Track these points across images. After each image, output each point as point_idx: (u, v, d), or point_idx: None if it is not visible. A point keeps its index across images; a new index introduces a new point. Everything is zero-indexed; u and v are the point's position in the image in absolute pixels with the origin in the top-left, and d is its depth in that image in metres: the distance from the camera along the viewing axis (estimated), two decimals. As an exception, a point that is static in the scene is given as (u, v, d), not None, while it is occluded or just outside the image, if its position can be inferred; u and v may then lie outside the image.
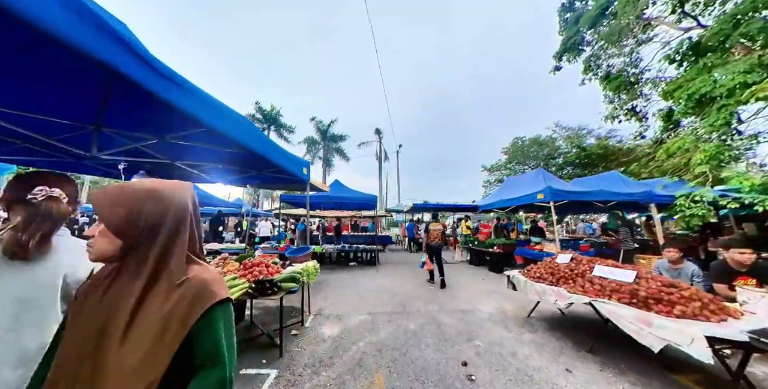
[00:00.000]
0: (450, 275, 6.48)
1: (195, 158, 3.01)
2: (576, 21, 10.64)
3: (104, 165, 2.93)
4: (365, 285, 5.39)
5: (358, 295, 4.66)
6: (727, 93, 5.93)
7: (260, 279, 2.29)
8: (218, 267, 3.03)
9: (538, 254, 6.27)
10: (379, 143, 25.41)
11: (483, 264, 7.99)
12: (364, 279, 5.98)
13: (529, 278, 3.34)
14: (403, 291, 4.93)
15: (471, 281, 5.90)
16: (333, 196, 7.46)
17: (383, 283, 5.60)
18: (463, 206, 8.52)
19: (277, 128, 23.60)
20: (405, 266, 7.78)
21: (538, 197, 5.36)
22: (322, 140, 24.38)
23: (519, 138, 24.48)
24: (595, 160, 17.12)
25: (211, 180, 3.77)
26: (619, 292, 2.33)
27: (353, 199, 7.37)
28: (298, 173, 3.31)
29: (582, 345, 2.85)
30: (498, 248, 7.13)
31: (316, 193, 7.97)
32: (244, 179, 3.89)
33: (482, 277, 6.42)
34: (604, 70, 11.17)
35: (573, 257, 3.12)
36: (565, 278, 2.95)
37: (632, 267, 2.66)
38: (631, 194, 5.98)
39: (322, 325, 3.31)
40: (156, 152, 2.74)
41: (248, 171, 3.58)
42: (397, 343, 2.85)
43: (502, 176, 25.59)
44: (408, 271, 7.07)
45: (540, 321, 3.60)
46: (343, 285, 5.37)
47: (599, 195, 5.63)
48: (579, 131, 22.55)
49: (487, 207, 7.51)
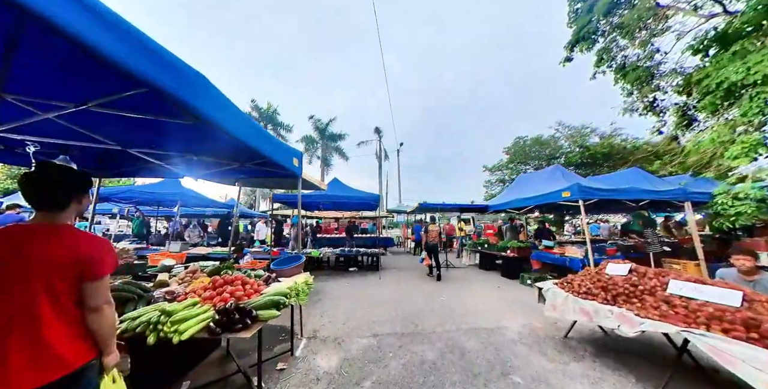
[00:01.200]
0: (461, 282, 5.89)
1: (155, 143, 2.36)
2: (589, 9, 10.06)
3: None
4: (367, 295, 4.74)
5: (360, 309, 4.01)
6: (762, 80, 5.33)
7: (226, 307, 1.63)
8: (182, 284, 2.38)
9: (559, 259, 5.65)
10: (378, 142, 24.78)
11: (494, 269, 7.35)
12: (365, 288, 5.32)
13: (573, 292, 2.70)
14: (411, 303, 4.28)
15: (486, 290, 5.26)
16: (331, 195, 6.81)
17: (387, 292, 4.95)
18: (472, 207, 7.89)
19: (274, 127, 22.93)
20: (409, 272, 7.13)
21: (564, 195, 4.73)
22: (320, 139, 23.72)
23: (521, 138, 23.95)
24: (599, 159, 16.55)
25: (181, 174, 3.11)
26: (724, 321, 1.69)
27: (353, 198, 6.72)
28: (288, 164, 2.66)
29: (649, 381, 2.21)
30: (512, 252, 6.49)
31: (313, 191, 7.33)
32: (223, 174, 3.23)
33: (497, 284, 5.78)
34: (619, 62, 10.61)
35: (632, 268, 2.47)
36: (626, 295, 2.31)
37: (726, 284, 2.02)
38: (666, 192, 5.36)
39: (316, 354, 2.64)
40: (96, 132, 2.09)
41: (228, 163, 2.93)
42: (414, 382, 2.20)
43: (503, 176, 25.11)
44: (413, 277, 6.42)
45: (581, 342, 2.96)
46: (342, 296, 4.72)
47: (631, 194, 5.00)
48: (582, 130, 22.11)
49: (500, 207, 6.88)
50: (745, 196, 5.47)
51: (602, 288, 2.51)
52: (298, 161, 2.87)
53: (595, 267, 2.92)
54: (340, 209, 9.42)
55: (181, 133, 2.04)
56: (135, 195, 6.14)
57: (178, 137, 2.18)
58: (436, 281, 5.95)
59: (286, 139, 23.39)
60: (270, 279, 2.51)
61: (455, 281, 6.08)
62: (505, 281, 6.07)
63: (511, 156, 24.20)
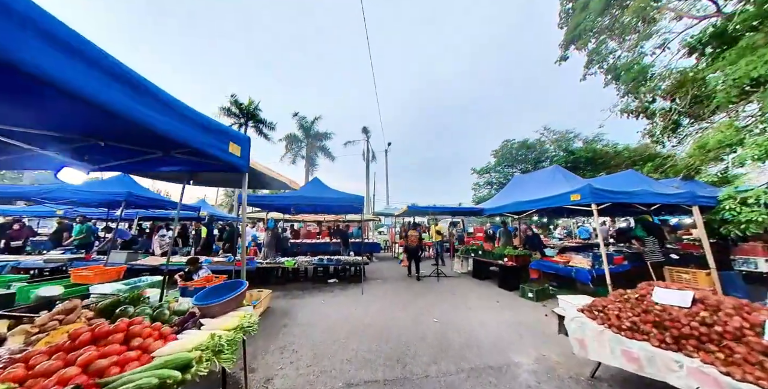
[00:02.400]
0: (455, 296, 5.16)
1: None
2: (583, 7, 9.76)
3: None
4: (345, 318, 3.94)
5: (334, 340, 3.20)
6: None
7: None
8: (41, 334, 1.51)
9: (564, 270, 5.06)
10: (366, 142, 24.02)
11: (489, 278, 6.72)
12: (344, 306, 4.51)
13: (611, 327, 2.02)
14: (398, 329, 3.51)
15: (484, 306, 4.57)
16: (309, 196, 5.97)
17: (370, 313, 4.17)
18: (464, 210, 7.25)
19: (255, 124, 21.74)
20: (396, 283, 6.37)
21: (573, 198, 4.13)
22: (305, 138, 22.70)
23: (508, 141, 24.10)
24: (581, 163, 16.66)
25: (65, 164, 2.22)
26: None
27: (334, 200, 5.90)
28: (217, 151, 1.85)
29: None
30: (509, 260, 5.87)
31: (290, 192, 6.47)
32: (135, 166, 2.37)
33: (495, 298, 5.11)
34: (611, 64, 10.41)
35: (698, 297, 1.81)
36: (697, 339, 1.65)
37: None
38: (675, 195, 4.89)
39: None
40: None
41: (141, 151, 2.09)
42: None
43: (491, 179, 25.09)
44: (400, 290, 5.66)
45: (612, 385, 2.29)
46: (314, 320, 3.89)
47: (643, 197, 4.48)
48: (566, 135, 22.46)
49: (496, 211, 6.27)
50: (756, 201, 5.09)
51: (654, 324, 1.84)
52: (241, 149, 2.06)
53: (630, 290, 2.25)
54: (321, 212, 8.56)
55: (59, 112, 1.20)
56: (67, 195, 5.07)
57: (60, 119, 1.34)
58: (426, 292, 5.30)
59: (269, 137, 22.26)
60: (187, 323, 1.68)
61: (448, 294, 5.38)
62: (503, 294, 5.42)
63: (498, 159, 24.29)
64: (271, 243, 7.12)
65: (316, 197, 5.82)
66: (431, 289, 5.77)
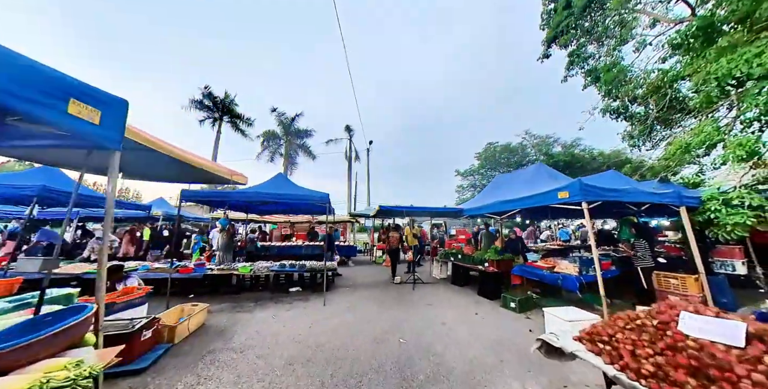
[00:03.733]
0: (430, 306, 4.46)
1: None
2: (566, 5, 9.59)
3: None
4: (293, 339, 3.22)
5: (267, 371, 2.49)
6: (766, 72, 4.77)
7: None
8: None
9: (549, 277, 4.57)
10: (349, 141, 23.26)
11: (468, 284, 6.19)
12: (297, 323, 3.79)
13: (627, 371, 1.43)
14: (355, 352, 2.84)
15: (461, 319, 3.98)
16: (267, 192, 5.20)
17: (327, 331, 3.47)
18: (442, 210, 6.71)
19: (231, 119, 20.50)
20: (368, 291, 5.70)
21: (560, 196, 3.64)
22: (284, 135, 21.66)
23: (492, 144, 24.33)
24: (560, 167, 17.05)
25: None
26: None
27: (297, 197, 5.15)
28: (47, 111, 1.15)
29: None
30: (491, 265, 5.35)
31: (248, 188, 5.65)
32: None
33: (473, 309, 4.54)
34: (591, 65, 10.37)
35: (754, 332, 1.24)
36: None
37: None
38: (664, 195, 4.54)
39: None
40: None
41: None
42: None
43: (475, 181, 25.13)
44: (371, 300, 4.99)
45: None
46: (253, 342, 3.15)
47: (635, 195, 4.09)
48: (547, 139, 22.94)
49: (476, 212, 5.75)
50: (740, 202, 4.85)
51: (690, 371, 1.27)
52: (102, 115, 1.35)
53: (643, 312, 1.70)
54: (285, 211, 7.72)
55: None
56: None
57: None
58: (398, 303, 4.73)
59: (246, 134, 21.07)
60: None
61: (422, 304, 4.77)
62: (483, 303, 4.87)
63: (482, 161, 24.43)
64: (226, 246, 6.26)
65: (275, 194, 5.07)
66: (404, 299, 5.14)
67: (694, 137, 5.68)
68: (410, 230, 6.52)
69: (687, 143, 5.91)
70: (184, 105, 18.81)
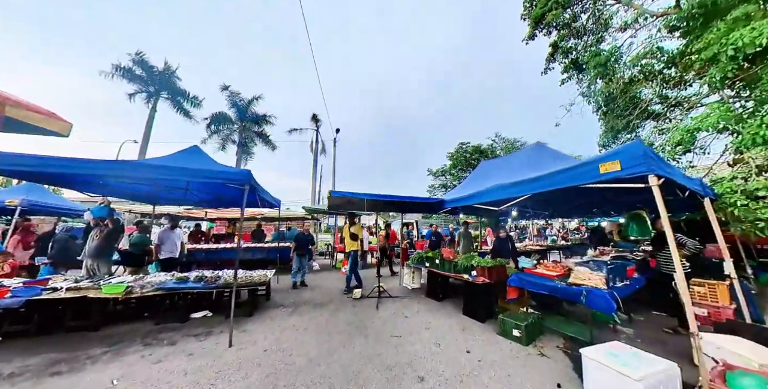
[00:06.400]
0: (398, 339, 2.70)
1: None
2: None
3: None
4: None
5: None
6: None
7: None
8: None
9: (565, 290, 3.24)
10: (316, 132, 21.07)
11: (449, 297, 4.79)
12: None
13: None
14: None
15: (446, 369, 2.47)
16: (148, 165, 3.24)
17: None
18: (418, 200, 5.19)
19: (171, 96, 17.26)
20: (309, 316, 4.00)
21: (602, 169, 2.31)
22: (239, 120, 18.87)
23: (463, 143, 23.99)
24: None
25: None
26: None
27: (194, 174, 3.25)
28: None
29: None
30: (480, 275, 3.97)
31: (125, 161, 3.56)
32: None
33: (462, 342, 3.08)
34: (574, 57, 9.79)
35: None
36: None
37: None
38: (694, 181, 3.51)
39: None
40: None
41: None
42: None
43: (446, 182, 24.55)
44: (308, 332, 3.31)
45: None
46: None
47: (680, 178, 2.93)
48: (514, 143, 23.27)
49: (463, 202, 4.31)
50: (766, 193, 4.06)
51: None
52: None
53: None
54: (204, 203, 5.64)
55: None
56: None
57: None
58: (349, 337, 3.05)
59: (191, 115, 17.93)
60: None
61: (386, 336, 3.21)
62: (472, 329, 3.46)
63: (453, 161, 23.97)
64: (98, 250, 4.13)
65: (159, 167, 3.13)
66: (362, 326, 3.55)
67: (708, 119, 4.90)
68: (348, 229, 4.80)
69: (696, 127, 5.13)
70: (105, 71, 15.24)
